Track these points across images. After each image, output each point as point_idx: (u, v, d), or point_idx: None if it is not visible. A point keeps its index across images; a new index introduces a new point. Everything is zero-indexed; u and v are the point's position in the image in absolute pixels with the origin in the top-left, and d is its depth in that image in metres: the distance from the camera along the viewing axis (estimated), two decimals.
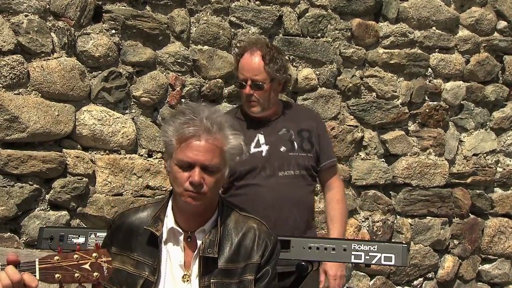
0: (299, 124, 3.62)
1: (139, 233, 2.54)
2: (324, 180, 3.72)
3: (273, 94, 3.52)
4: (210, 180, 2.45)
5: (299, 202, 3.54)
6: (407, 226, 5.09)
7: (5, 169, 3.70)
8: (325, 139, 3.71)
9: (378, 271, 4.96)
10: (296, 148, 3.56)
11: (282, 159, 3.53)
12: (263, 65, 3.44)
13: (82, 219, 3.96)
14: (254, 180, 3.47)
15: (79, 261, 2.06)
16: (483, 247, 5.41)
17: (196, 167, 2.43)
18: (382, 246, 3.19)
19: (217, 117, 2.50)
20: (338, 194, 3.70)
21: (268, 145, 3.53)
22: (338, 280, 3.64)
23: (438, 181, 5.17)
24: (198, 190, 2.43)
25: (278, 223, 3.32)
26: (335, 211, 3.68)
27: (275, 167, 3.51)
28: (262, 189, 3.46)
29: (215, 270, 2.48)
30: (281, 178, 3.51)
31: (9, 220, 3.75)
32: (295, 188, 3.53)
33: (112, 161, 4.06)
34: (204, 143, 2.44)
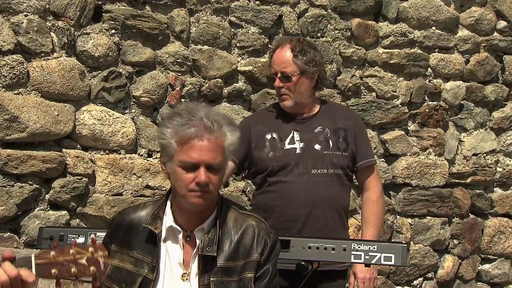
0: (335, 122, 3.57)
1: (138, 231, 2.55)
2: (361, 180, 3.67)
3: (305, 88, 3.49)
4: (215, 178, 2.46)
5: (331, 201, 3.49)
6: (407, 226, 5.09)
7: (5, 169, 3.70)
8: (362, 138, 3.64)
9: (378, 271, 4.94)
10: (331, 147, 3.51)
11: (316, 157, 3.49)
12: (292, 57, 3.44)
13: (82, 219, 3.96)
14: (287, 177, 3.44)
15: (75, 256, 2.06)
16: (483, 247, 5.41)
17: (201, 167, 2.43)
18: (382, 246, 3.18)
19: (214, 115, 2.51)
20: (374, 194, 3.64)
21: (302, 143, 3.50)
22: (367, 282, 3.60)
23: (438, 181, 5.17)
24: (205, 190, 2.44)
25: (309, 222, 3.33)
26: (369, 212, 3.62)
27: (309, 165, 3.47)
28: (294, 187, 3.43)
29: (215, 269, 2.49)
30: (314, 176, 3.47)
31: (9, 220, 3.75)
32: (328, 187, 3.48)
33: (112, 161, 4.06)
34: (206, 142, 2.45)
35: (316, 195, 3.43)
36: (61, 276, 2.05)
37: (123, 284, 2.49)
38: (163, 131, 2.51)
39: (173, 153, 2.47)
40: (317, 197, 3.43)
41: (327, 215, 3.47)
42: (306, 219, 3.28)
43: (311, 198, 3.41)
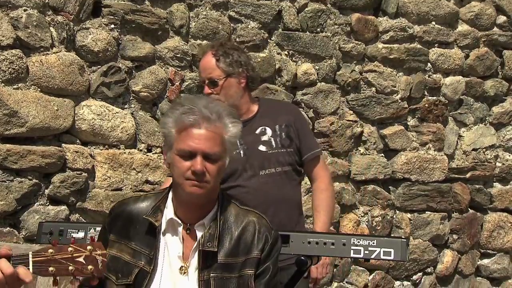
0: (276, 120, 3.59)
1: (138, 222, 2.54)
2: (309, 172, 3.72)
3: (234, 89, 3.50)
4: (212, 168, 2.45)
5: (283, 199, 3.53)
6: (406, 221, 5.09)
7: (4, 164, 3.70)
8: (304, 131, 3.68)
9: (377, 266, 4.96)
10: (275, 146, 3.55)
11: (262, 158, 3.52)
12: (215, 61, 3.46)
13: (82, 214, 3.96)
14: (236, 181, 3.46)
15: (73, 254, 2.05)
16: (482, 242, 5.42)
17: (198, 155, 2.43)
18: (382, 241, 3.19)
19: (215, 106, 2.51)
20: (323, 183, 3.70)
21: (246, 146, 3.52)
22: (321, 268, 3.66)
23: (437, 176, 5.17)
24: (201, 179, 2.43)
25: None
26: (319, 200, 3.68)
27: (256, 167, 3.50)
28: (245, 190, 3.45)
29: (215, 264, 2.48)
30: (262, 177, 3.50)
31: (8, 215, 3.75)
32: (278, 186, 3.52)
33: (111, 156, 4.06)
34: (204, 131, 2.45)
35: (267, 196, 3.45)
36: (59, 274, 2.04)
37: (119, 274, 2.49)
38: (165, 120, 2.52)
39: (173, 141, 2.48)
40: (268, 197, 3.45)
41: (281, 213, 3.49)
42: None
43: (263, 199, 3.42)
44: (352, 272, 4.90)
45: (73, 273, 2.05)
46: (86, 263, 2.06)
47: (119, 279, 2.48)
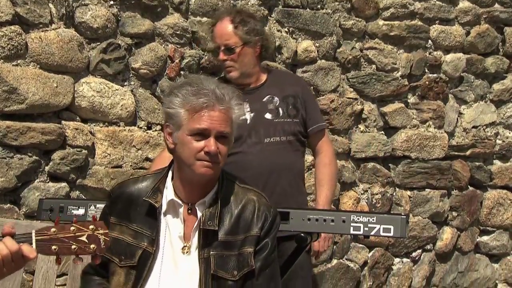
0: (283, 90, 3.64)
1: (138, 204, 2.56)
2: (313, 145, 3.76)
3: (249, 57, 3.55)
4: (224, 149, 2.49)
5: (286, 168, 3.57)
6: (406, 199, 5.10)
7: (4, 141, 3.69)
8: (311, 104, 3.72)
9: (377, 243, 4.98)
10: (282, 114, 3.59)
11: (268, 126, 3.55)
12: (233, 28, 3.48)
13: (82, 190, 3.96)
14: (241, 148, 3.49)
15: (76, 233, 2.06)
16: (481, 219, 5.43)
17: (211, 136, 2.45)
18: (381, 218, 3.22)
19: (223, 88, 2.53)
20: (326, 157, 3.74)
21: (253, 113, 3.55)
22: (323, 242, 3.69)
23: (437, 154, 5.18)
24: (214, 160, 2.45)
25: (266, 190, 3.32)
26: (322, 174, 3.72)
27: (261, 134, 3.54)
28: (249, 157, 3.48)
29: (215, 243, 2.51)
30: (267, 144, 3.54)
31: (8, 192, 3.75)
32: (282, 154, 3.56)
33: (111, 133, 4.05)
34: (218, 112, 2.47)
35: (271, 163, 3.49)
36: (61, 252, 2.06)
37: (122, 256, 2.51)
38: (171, 100, 2.51)
39: (182, 121, 2.47)
40: (272, 165, 3.49)
41: (284, 181, 3.54)
42: (263, 188, 3.27)
43: (267, 166, 3.47)
44: (351, 249, 4.92)
45: (76, 252, 2.07)
46: (88, 242, 2.08)
47: (122, 261, 2.51)
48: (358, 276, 4.93)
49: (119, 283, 2.52)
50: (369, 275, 4.96)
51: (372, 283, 4.95)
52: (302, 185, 3.76)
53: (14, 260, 2.03)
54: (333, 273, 4.80)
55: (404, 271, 5.10)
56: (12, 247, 2.02)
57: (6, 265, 2.03)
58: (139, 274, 2.50)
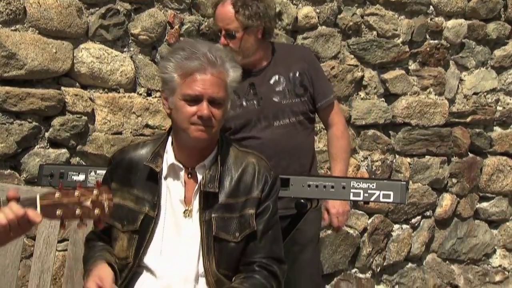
0: (289, 68, 3.58)
1: (139, 169, 2.57)
2: (324, 119, 3.73)
3: (251, 42, 3.46)
4: (218, 113, 2.48)
5: (297, 149, 3.55)
6: (406, 166, 5.11)
7: (4, 106, 3.68)
8: (318, 78, 3.66)
9: (376, 210, 5.00)
10: (289, 96, 3.55)
11: (276, 109, 3.52)
12: (234, 13, 3.39)
13: (82, 157, 3.96)
14: (250, 133, 3.47)
15: (80, 198, 2.07)
16: (481, 185, 5.45)
17: (204, 100, 2.45)
18: (381, 184, 3.23)
19: (217, 51, 2.52)
20: (338, 130, 3.71)
21: (260, 96, 3.52)
22: (341, 217, 3.68)
23: (437, 120, 5.17)
24: (207, 124, 2.46)
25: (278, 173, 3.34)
26: (335, 148, 3.70)
27: (270, 118, 3.51)
28: (259, 141, 3.46)
29: (216, 205, 2.53)
30: (276, 128, 3.51)
31: (8, 157, 3.75)
32: (292, 136, 3.53)
33: (111, 99, 4.04)
34: (210, 76, 2.46)
35: (281, 147, 3.48)
36: (66, 217, 2.07)
37: (124, 222, 2.53)
38: (165, 65, 2.51)
39: (176, 86, 2.47)
40: (282, 148, 3.48)
41: (295, 164, 3.52)
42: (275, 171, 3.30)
43: (277, 150, 3.45)
44: (351, 216, 4.93)
45: (80, 217, 2.08)
46: (92, 207, 2.08)
47: (124, 226, 2.54)
48: (358, 242, 4.96)
49: (122, 248, 2.54)
50: (369, 241, 4.98)
51: (371, 249, 4.98)
52: (313, 161, 3.74)
53: (20, 225, 2.04)
54: (332, 240, 4.83)
55: (404, 237, 5.13)
56: (18, 212, 2.02)
57: (12, 229, 2.04)
58: (141, 239, 2.52)
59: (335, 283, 4.89)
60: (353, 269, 4.98)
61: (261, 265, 2.55)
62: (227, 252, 2.52)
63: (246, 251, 2.55)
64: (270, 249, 2.58)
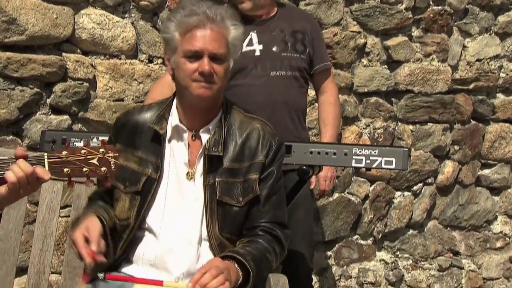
0: (293, 25, 3.62)
1: (143, 131, 2.59)
2: (317, 84, 3.75)
3: None
4: (219, 69, 2.49)
5: (290, 103, 3.57)
6: (408, 133, 5.11)
7: (5, 72, 3.67)
8: (319, 42, 3.71)
9: (378, 177, 5.01)
10: (289, 49, 3.57)
11: (275, 59, 3.54)
12: None
13: (84, 123, 3.96)
14: (245, 79, 3.49)
15: (87, 156, 2.11)
16: (483, 152, 5.45)
17: (205, 56, 2.46)
18: (383, 150, 3.24)
19: (217, 8, 2.52)
20: (331, 97, 3.74)
21: (261, 44, 3.53)
22: (328, 181, 3.74)
23: (440, 87, 5.15)
24: (209, 80, 2.47)
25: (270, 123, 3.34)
26: (327, 114, 3.73)
27: (267, 67, 3.53)
28: (254, 89, 3.47)
29: (220, 169, 2.54)
30: (272, 78, 3.53)
31: (10, 123, 3.75)
32: (287, 89, 3.55)
33: (112, 66, 4.03)
34: (209, 31, 2.47)
35: (275, 97, 3.49)
36: (73, 175, 2.11)
37: (127, 183, 2.55)
38: (166, 25, 2.53)
39: (177, 44, 2.49)
40: (276, 99, 3.49)
41: (287, 117, 3.55)
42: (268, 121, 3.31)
43: (271, 100, 3.47)
44: (353, 183, 4.94)
45: (88, 174, 2.12)
46: (99, 165, 2.12)
47: (127, 188, 2.56)
48: (359, 210, 4.97)
49: (123, 209, 2.56)
50: (370, 208, 5.00)
51: (373, 216, 5.01)
52: (304, 122, 3.78)
53: (29, 182, 2.07)
54: (334, 207, 4.84)
55: (405, 204, 5.15)
56: (27, 170, 2.05)
57: (22, 187, 2.08)
58: (143, 200, 2.53)
59: (336, 249, 4.92)
60: (354, 236, 5.00)
61: (264, 229, 2.57)
62: (231, 216, 2.54)
63: (250, 215, 2.57)
64: (274, 214, 2.60)
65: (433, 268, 5.24)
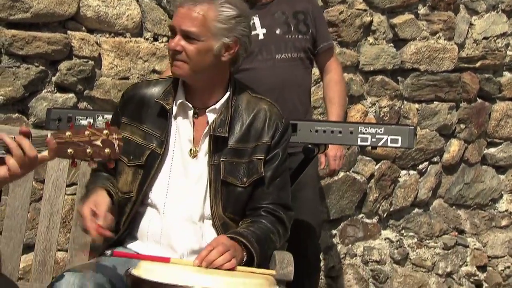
0: (294, 6, 3.64)
1: (150, 106, 2.60)
2: (321, 63, 3.77)
3: None
4: (189, 48, 2.49)
5: (298, 84, 3.60)
6: (414, 112, 5.09)
7: (10, 50, 3.67)
8: (321, 21, 3.74)
9: (383, 156, 5.00)
10: (292, 30, 3.59)
11: (279, 42, 3.56)
12: None
13: (89, 102, 3.97)
14: (252, 64, 3.49)
15: (91, 138, 2.11)
16: (489, 131, 5.43)
17: (177, 34, 2.48)
18: (389, 129, 3.23)
19: None
20: (336, 75, 3.76)
21: (264, 28, 3.54)
22: (338, 160, 3.75)
23: (446, 66, 5.13)
24: (176, 58, 2.49)
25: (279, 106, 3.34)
26: (334, 92, 3.74)
27: (272, 50, 3.55)
28: (260, 73, 3.49)
29: (225, 150, 2.54)
30: (278, 61, 3.55)
31: (16, 101, 3.76)
32: (294, 71, 3.57)
33: (117, 44, 4.02)
34: (186, 10, 2.51)
35: (282, 79, 3.50)
36: (77, 156, 2.10)
37: (131, 156, 2.55)
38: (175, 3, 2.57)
39: None
40: (283, 81, 3.51)
41: (295, 98, 3.57)
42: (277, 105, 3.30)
43: (278, 82, 3.49)
44: (358, 162, 4.94)
45: (91, 156, 2.11)
46: (103, 147, 2.11)
47: (131, 161, 2.56)
48: (365, 188, 4.98)
49: (126, 182, 2.56)
50: (376, 187, 5.00)
51: (378, 195, 5.01)
52: (309, 103, 3.81)
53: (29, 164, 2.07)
54: (339, 186, 4.85)
55: (411, 183, 5.14)
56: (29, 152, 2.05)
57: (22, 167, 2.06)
58: (146, 174, 2.53)
59: (341, 228, 4.93)
60: (359, 215, 5.01)
61: (267, 210, 2.57)
62: (234, 197, 2.54)
63: (254, 196, 2.57)
64: (278, 195, 2.60)
65: (438, 247, 5.25)
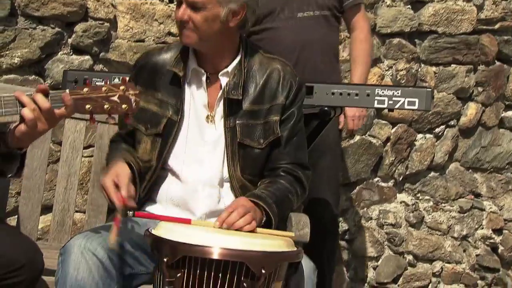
0: None
1: (163, 74, 2.59)
2: (348, 20, 3.69)
3: None
4: (196, 17, 2.47)
5: (320, 43, 3.52)
6: (431, 75, 5.05)
7: (26, 11, 3.68)
8: None
9: (400, 119, 4.98)
10: None
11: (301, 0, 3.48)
12: None
13: (105, 64, 3.97)
14: (273, 23, 3.44)
15: (108, 93, 2.13)
16: (507, 94, 5.37)
17: (183, 3, 2.46)
18: (406, 91, 3.20)
19: None
20: (362, 33, 3.69)
21: None
22: (357, 120, 3.72)
23: (465, 28, 5.06)
24: (185, 26, 2.47)
25: (298, 65, 3.30)
26: (357, 51, 3.68)
27: (294, 8, 3.48)
28: (281, 32, 3.44)
29: (240, 112, 2.54)
30: (300, 19, 3.48)
31: (32, 63, 3.78)
32: (316, 29, 3.50)
33: (133, 6, 4.01)
34: None
35: (304, 38, 3.44)
36: (95, 111, 2.13)
37: (148, 125, 2.56)
38: None
39: None
40: (305, 40, 3.44)
41: (317, 58, 3.50)
42: (295, 63, 3.25)
43: (299, 41, 3.43)
44: (374, 126, 4.92)
45: (109, 111, 2.14)
46: (120, 102, 2.14)
47: (148, 130, 2.57)
48: (381, 152, 4.97)
49: (145, 151, 2.57)
50: (392, 151, 4.99)
51: (394, 159, 5.00)
52: (336, 62, 3.73)
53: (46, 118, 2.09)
54: (355, 149, 4.84)
55: (427, 146, 5.12)
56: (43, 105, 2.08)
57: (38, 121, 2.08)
58: (164, 142, 2.54)
59: (357, 191, 4.93)
60: (375, 178, 5.00)
61: (285, 170, 2.58)
62: (252, 158, 2.55)
63: (271, 157, 2.58)
64: (295, 155, 2.61)
65: (453, 210, 5.24)
